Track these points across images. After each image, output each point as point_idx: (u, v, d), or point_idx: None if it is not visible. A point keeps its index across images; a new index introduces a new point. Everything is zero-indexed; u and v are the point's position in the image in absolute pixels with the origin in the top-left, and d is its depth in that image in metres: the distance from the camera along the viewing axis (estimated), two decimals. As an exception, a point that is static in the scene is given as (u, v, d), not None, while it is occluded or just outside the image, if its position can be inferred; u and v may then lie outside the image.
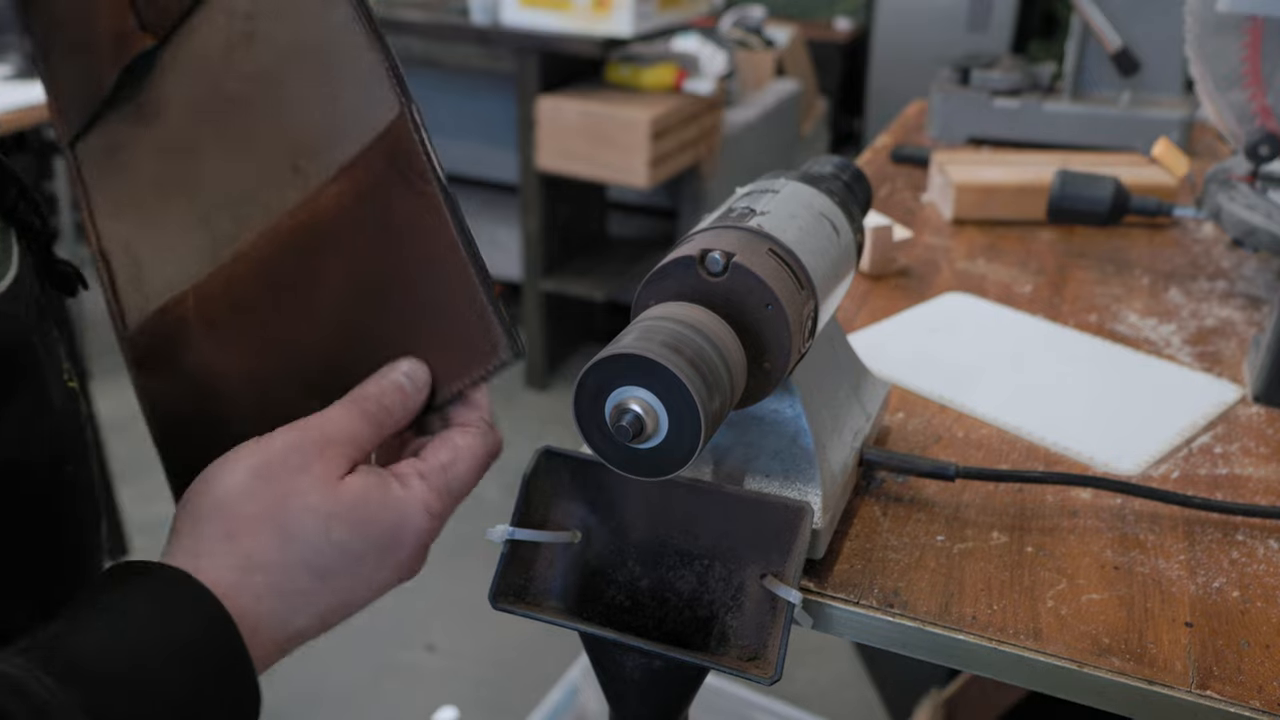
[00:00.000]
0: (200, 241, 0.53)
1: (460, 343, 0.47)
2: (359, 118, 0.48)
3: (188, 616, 0.39)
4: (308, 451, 0.43)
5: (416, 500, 0.44)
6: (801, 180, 0.60)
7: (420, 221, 0.47)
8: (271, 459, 0.42)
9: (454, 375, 0.48)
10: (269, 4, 0.50)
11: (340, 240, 0.49)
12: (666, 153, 2.52)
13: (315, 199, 0.49)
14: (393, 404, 0.46)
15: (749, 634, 0.51)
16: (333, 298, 0.49)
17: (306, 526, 0.42)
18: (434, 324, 0.48)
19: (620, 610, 0.54)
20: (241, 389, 0.52)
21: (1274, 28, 0.95)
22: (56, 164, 2.92)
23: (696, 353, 0.43)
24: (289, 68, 0.50)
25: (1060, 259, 1.04)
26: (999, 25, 4.05)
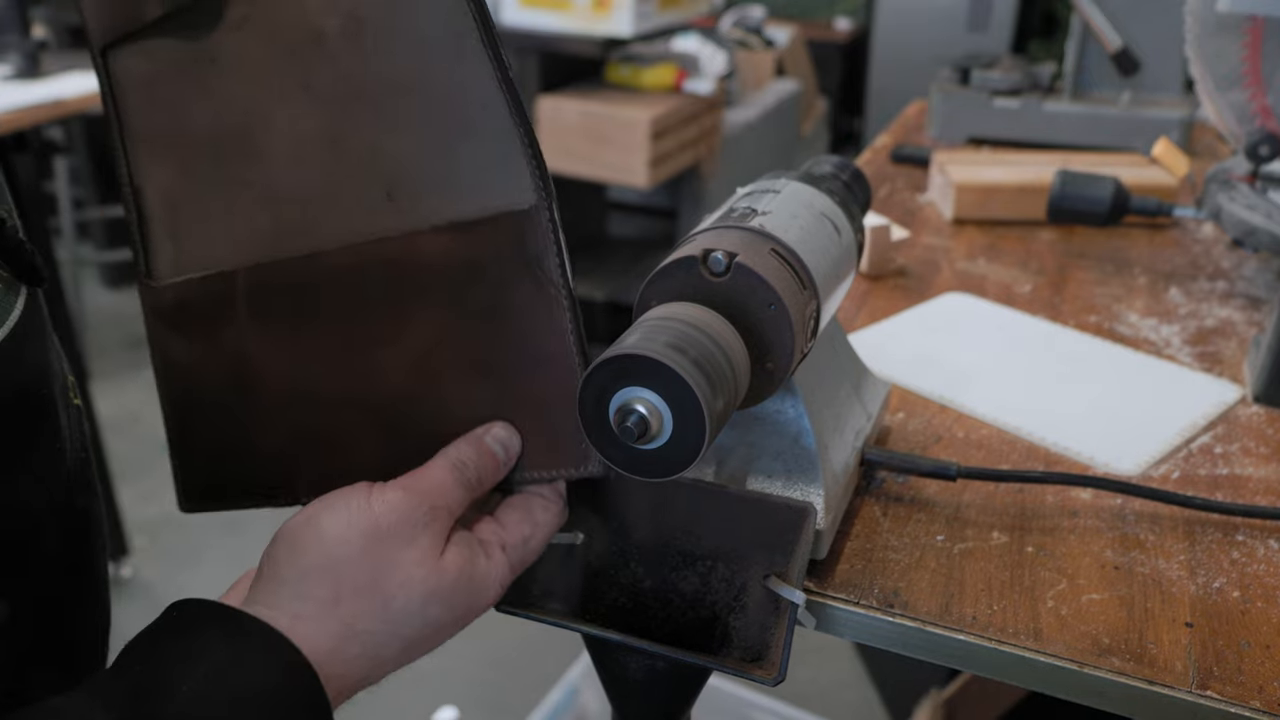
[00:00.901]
0: (261, 224, 0.51)
1: (551, 441, 0.48)
2: (483, 185, 0.47)
3: (283, 685, 0.40)
4: (416, 523, 0.44)
5: (496, 575, 0.46)
6: (802, 180, 0.60)
7: (539, 318, 0.48)
8: (383, 527, 0.44)
9: (539, 464, 0.49)
10: (384, 14, 0.48)
11: (442, 294, 0.49)
12: (666, 153, 2.52)
13: (415, 240, 0.49)
14: (485, 473, 0.48)
15: (752, 635, 0.51)
16: (420, 343, 0.49)
17: (409, 603, 0.43)
18: (529, 413, 0.49)
19: (623, 611, 0.54)
20: (285, 391, 0.52)
21: (1274, 28, 0.95)
22: (56, 164, 2.92)
23: (701, 353, 0.43)
24: (400, 97, 0.48)
25: (1060, 259, 1.04)
26: (999, 25, 4.04)
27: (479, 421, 0.49)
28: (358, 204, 0.49)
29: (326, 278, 0.50)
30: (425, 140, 0.48)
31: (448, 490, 0.46)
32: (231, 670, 0.39)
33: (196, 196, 0.53)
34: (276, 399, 0.52)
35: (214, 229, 0.53)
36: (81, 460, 0.54)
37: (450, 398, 0.49)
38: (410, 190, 0.49)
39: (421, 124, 0.48)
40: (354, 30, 0.48)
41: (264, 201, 0.51)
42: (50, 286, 1.99)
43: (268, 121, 0.50)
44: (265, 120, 0.50)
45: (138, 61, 0.53)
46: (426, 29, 0.47)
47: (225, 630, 0.40)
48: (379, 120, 0.48)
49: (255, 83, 0.50)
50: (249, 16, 0.50)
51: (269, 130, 0.50)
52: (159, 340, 0.55)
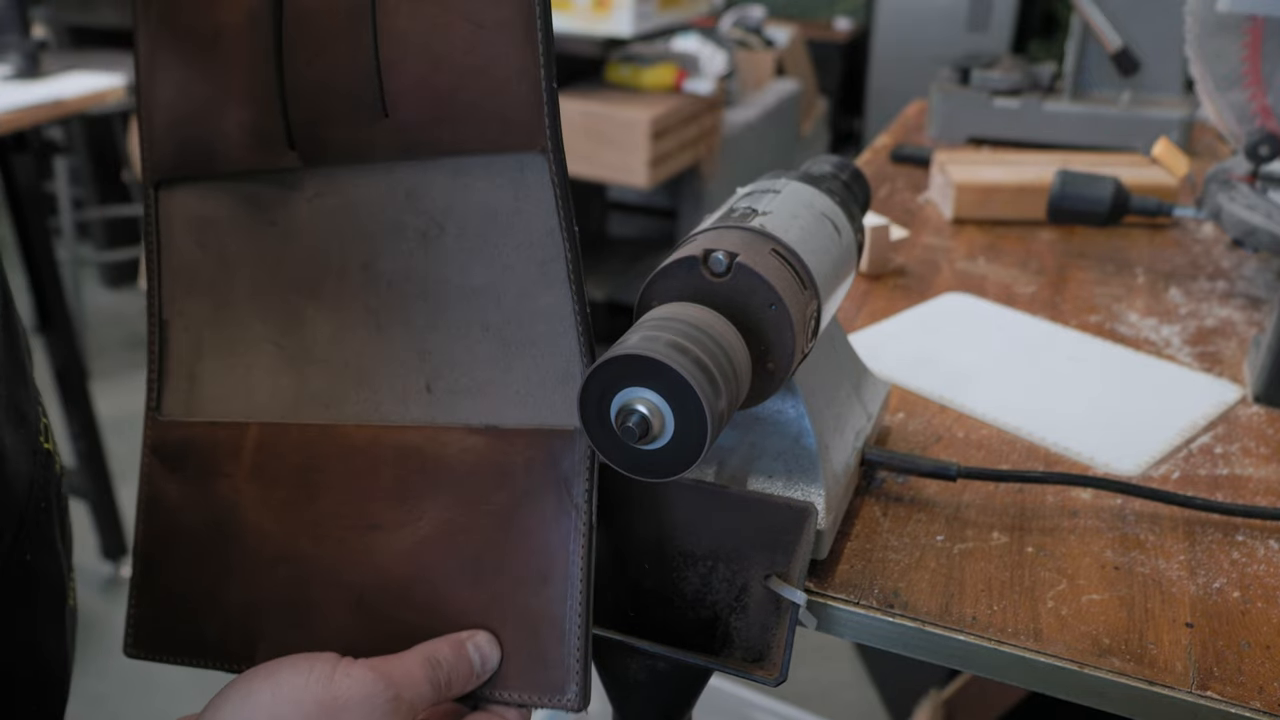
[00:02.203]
0: (285, 385, 0.51)
1: (531, 664, 0.47)
2: (531, 398, 0.47)
3: None
4: (376, 707, 0.42)
5: None
6: (802, 180, 0.60)
7: (554, 538, 0.47)
8: (341, 700, 0.42)
9: (512, 684, 0.48)
10: (472, 229, 0.47)
11: (457, 490, 0.48)
12: (666, 153, 2.52)
13: (444, 433, 0.48)
14: (457, 678, 0.46)
15: (753, 635, 0.51)
16: (420, 534, 0.48)
17: None
18: (517, 629, 0.47)
19: (624, 611, 0.54)
20: (269, 553, 0.51)
21: (1274, 28, 0.95)
22: (56, 164, 2.92)
23: (702, 353, 0.43)
24: (468, 301, 0.47)
25: (1060, 259, 1.04)
26: (999, 25, 4.04)
27: (462, 625, 0.48)
28: (393, 389, 0.49)
29: (341, 451, 0.49)
30: (483, 347, 0.48)
31: (417, 684, 0.44)
32: None
33: (225, 344, 0.52)
34: (259, 558, 0.51)
35: (235, 380, 0.52)
36: (40, 510, 0.51)
37: (439, 595, 0.48)
38: (452, 388, 0.48)
39: (483, 331, 0.48)
40: (436, 234, 0.48)
41: (293, 365, 0.51)
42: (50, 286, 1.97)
43: (316, 292, 0.50)
44: (314, 290, 0.50)
45: (193, 203, 0.52)
46: (513, 253, 0.47)
47: None
48: (436, 317, 0.48)
49: (313, 254, 0.50)
50: (324, 194, 0.49)
51: (316, 300, 0.50)
52: (152, 475, 0.53)
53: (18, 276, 1.94)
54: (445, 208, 0.47)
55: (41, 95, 1.81)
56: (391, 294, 0.49)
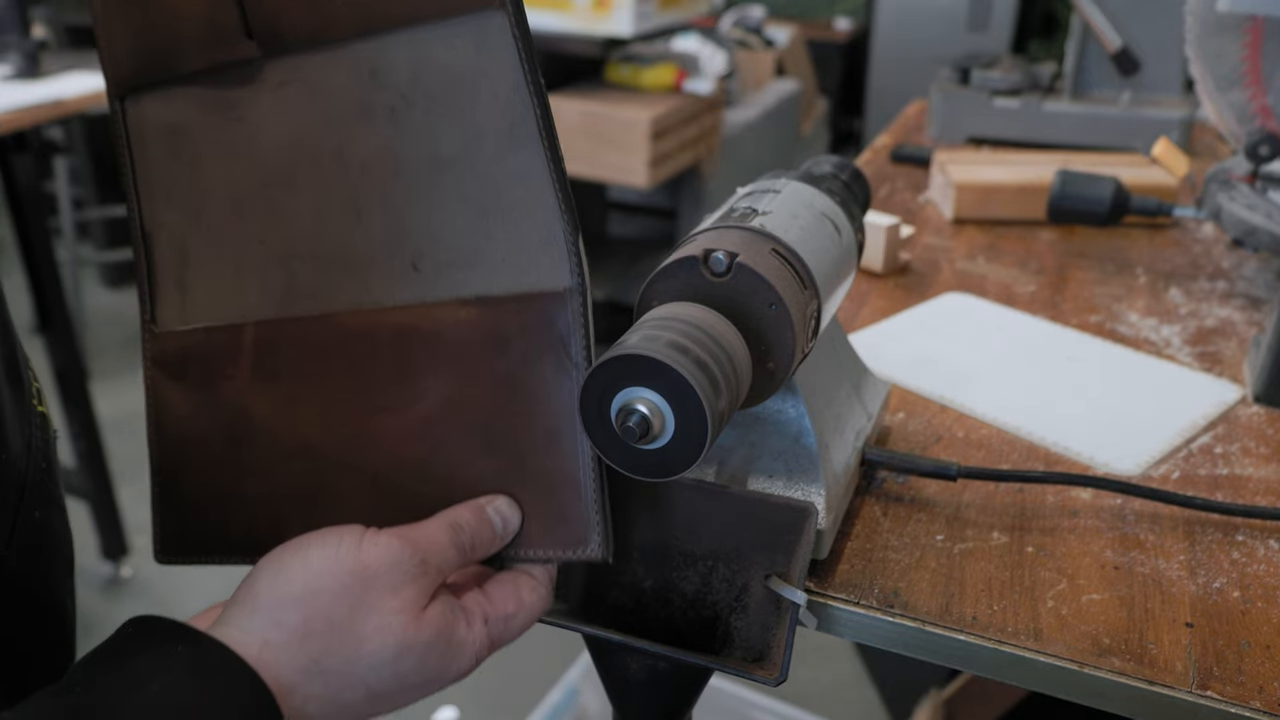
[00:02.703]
0: (274, 281, 0.51)
1: (551, 521, 0.48)
2: (516, 263, 0.47)
3: (240, 711, 0.39)
4: (406, 571, 0.43)
5: (474, 646, 0.45)
6: (802, 180, 0.60)
7: (558, 398, 0.47)
8: (370, 567, 0.43)
9: (535, 543, 0.48)
10: (439, 98, 0.47)
11: (457, 364, 0.48)
12: (666, 153, 2.52)
13: (436, 309, 0.48)
14: (481, 541, 0.47)
15: (753, 635, 0.51)
16: (426, 411, 0.49)
17: (382, 650, 0.42)
18: (535, 490, 0.48)
19: (624, 611, 0.54)
20: (282, 448, 0.51)
21: (1274, 28, 0.95)
22: (56, 164, 2.92)
23: (703, 353, 0.43)
24: (443, 173, 0.47)
25: (1060, 259, 1.04)
26: (999, 25, 4.04)
27: (480, 493, 0.48)
28: (380, 271, 0.49)
29: (337, 339, 0.50)
30: (463, 217, 0.47)
31: (441, 548, 0.45)
32: (183, 695, 0.37)
33: (209, 249, 0.52)
34: (272, 455, 0.51)
35: (224, 282, 0.52)
36: (40, 470, 0.51)
37: (453, 467, 0.49)
38: (438, 262, 0.48)
39: (460, 201, 0.47)
40: (403, 109, 0.47)
41: (279, 260, 0.51)
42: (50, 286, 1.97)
43: (291, 183, 0.50)
44: (289, 182, 0.50)
45: (160, 110, 0.52)
46: (482, 115, 0.46)
47: (182, 652, 0.39)
48: (414, 194, 0.48)
49: (284, 145, 0.50)
50: (288, 82, 0.49)
51: (292, 192, 0.50)
52: (156, 387, 0.54)
53: (18, 276, 1.94)
54: (410, 80, 0.47)
55: (41, 95, 1.81)
56: (367, 177, 0.49)
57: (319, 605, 0.41)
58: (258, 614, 0.41)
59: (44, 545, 0.51)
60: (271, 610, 0.41)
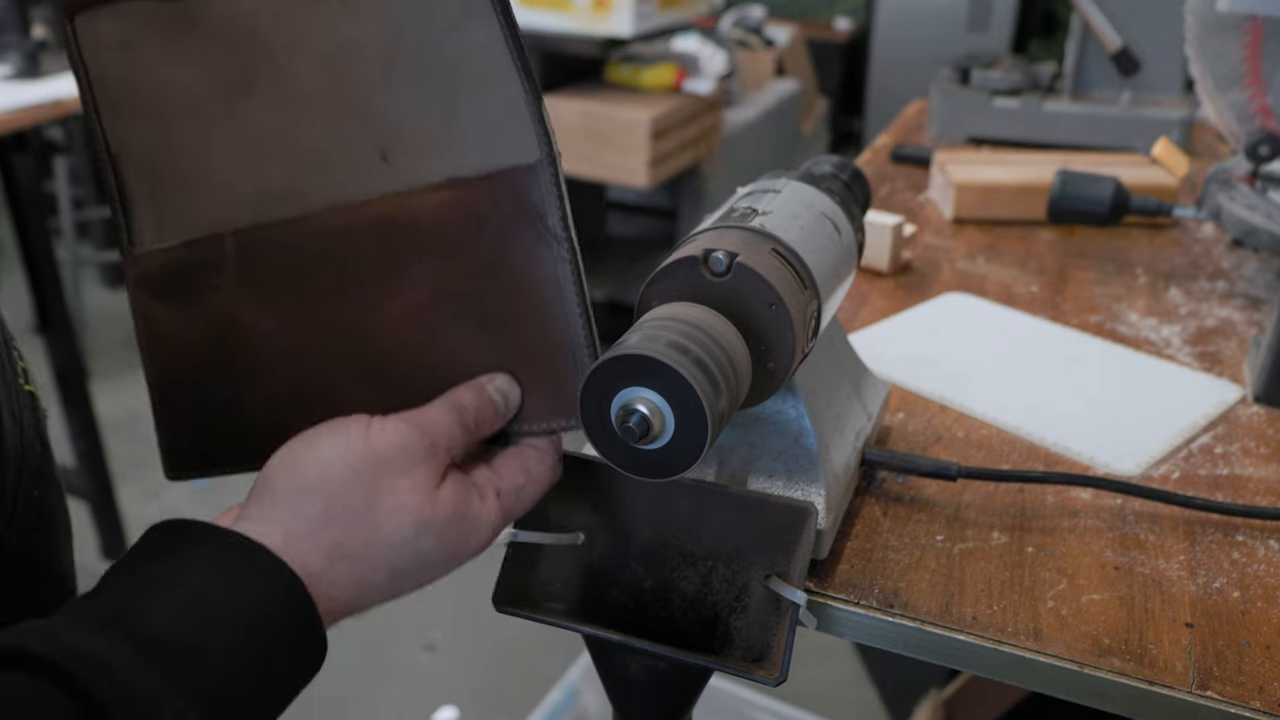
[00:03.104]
0: (246, 188, 0.51)
1: (549, 393, 0.48)
2: (484, 141, 0.47)
3: (272, 602, 0.40)
4: (415, 454, 0.44)
5: (489, 518, 0.46)
6: (802, 180, 0.60)
7: (541, 269, 0.47)
8: (380, 452, 0.44)
9: (537, 416, 0.49)
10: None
11: (439, 249, 0.48)
12: (666, 153, 2.52)
13: (411, 198, 0.48)
14: (484, 419, 0.47)
15: (753, 635, 0.51)
16: (415, 299, 0.49)
17: (400, 530, 0.43)
18: (530, 363, 0.49)
19: (624, 611, 0.54)
20: (276, 353, 0.51)
21: (1274, 28, 0.95)
22: (56, 164, 2.92)
23: (703, 353, 0.43)
24: (400, 56, 0.47)
25: (1060, 259, 1.04)
26: (999, 25, 4.04)
27: (478, 373, 0.49)
28: (349, 165, 0.49)
29: (317, 239, 0.50)
30: (424, 100, 0.47)
31: (447, 428, 0.46)
32: (215, 589, 0.38)
33: (177, 162, 0.52)
34: (267, 361, 0.52)
35: (197, 194, 0.52)
36: (35, 450, 0.52)
37: (447, 351, 0.49)
38: (407, 150, 0.48)
39: (421, 83, 0.47)
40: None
41: (249, 165, 0.50)
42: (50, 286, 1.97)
43: (250, 85, 0.50)
44: (248, 84, 0.50)
45: (110, 27, 0.51)
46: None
47: (209, 549, 0.40)
48: (372, 82, 0.48)
49: (238, 46, 0.49)
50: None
51: (252, 94, 0.50)
52: (143, 309, 0.54)
53: (18, 276, 1.94)
54: None
55: (41, 95, 1.81)
56: (324, 70, 0.48)
57: (334, 492, 0.43)
58: (277, 507, 0.43)
59: (43, 522, 0.52)
60: (290, 502, 0.43)
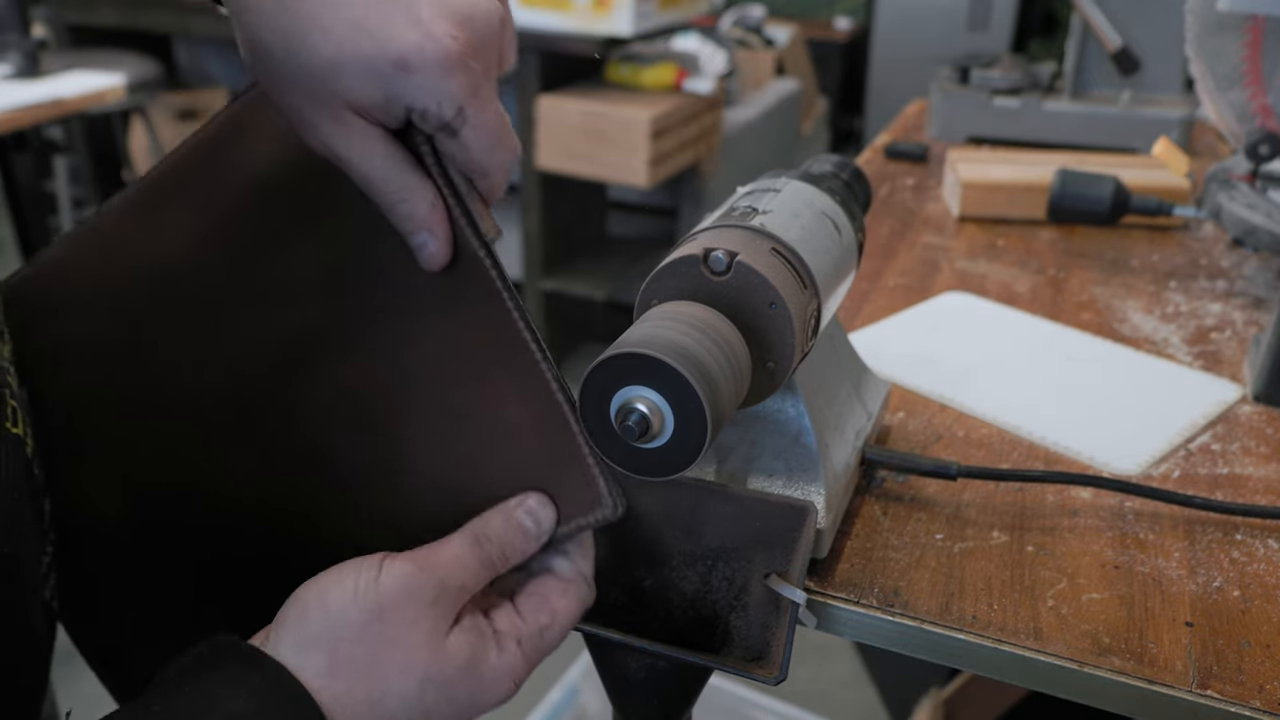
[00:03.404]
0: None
1: (560, 488, 0.45)
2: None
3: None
4: (422, 601, 0.42)
5: (507, 670, 0.43)
6: (802, 179, 0.60)
7: (504, 353, 0.45)
8: (387, 604, 0.42)
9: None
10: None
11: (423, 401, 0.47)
12: (666, 152, 2.52)
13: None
14: (512, 550, 0.45)
15: (753, 634, 0.51)
16: (411, 463, 0.47)
17: (404, 687, 0.41)
18: (529, 466, 0.46)
19: (623, 610, 0.54)
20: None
21: (1274, 27, 0.95)
22: (56, 164, 2.92)
23: (702, 352, 0.43)
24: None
25: (1060, 258, 1.04)
26: (999, 24, 4.04)
27: (497, 497, 0.46)
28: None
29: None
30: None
31: (463, 566, 0.43)
32: (250, 715, 0.38)
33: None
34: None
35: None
36: (14, 500, 0.48)
37: (454, 491, 0.47)
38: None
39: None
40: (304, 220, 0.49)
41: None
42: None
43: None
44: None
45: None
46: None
47: (248, 673, 0.39)
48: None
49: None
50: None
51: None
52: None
53: (18, 276, 1.94)
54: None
55: (41, 94, 1.81)
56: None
57: (340, 650, 0.41)
58: (285, 648, 0.41)
59: (11, 577, 0.48)
60: (293, 643, 0.41)
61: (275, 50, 0.42)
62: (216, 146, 0.51)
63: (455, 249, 0.45)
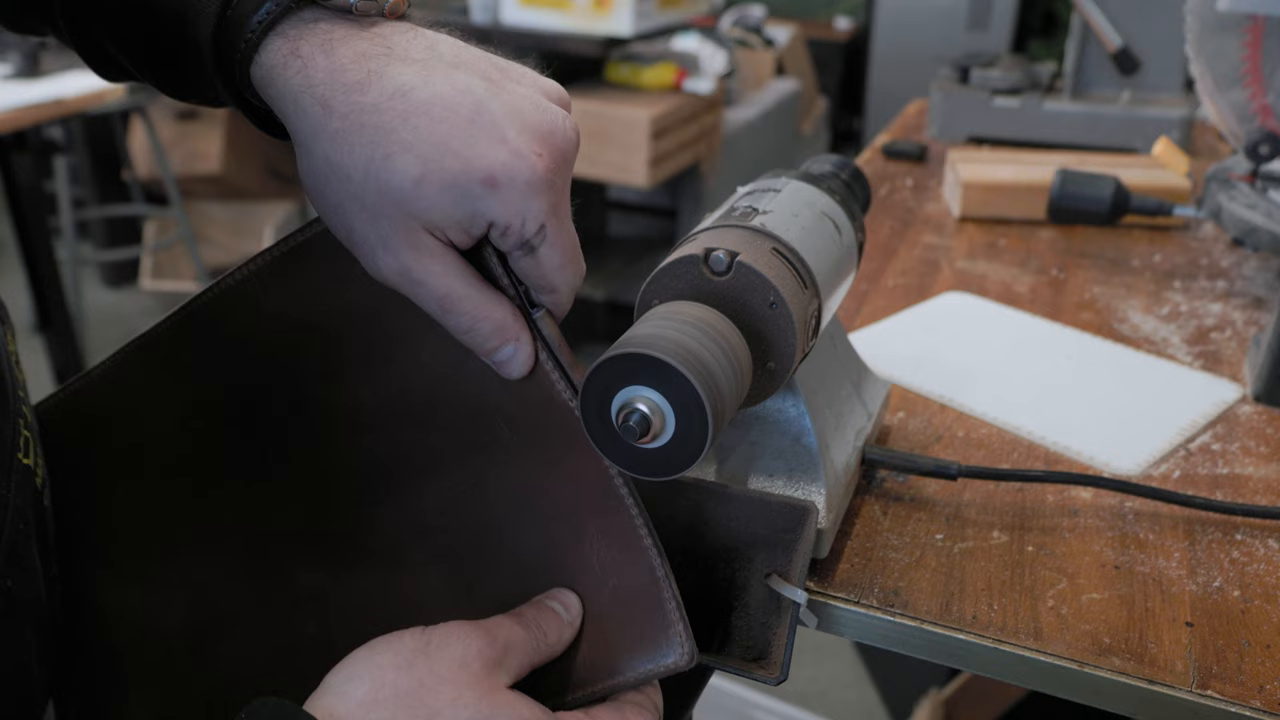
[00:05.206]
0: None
1: (637, 631, 0.46)
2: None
3: None
4: (472, 646, 0.42)
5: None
6: (802, 179, 0.60)
7: (596, 498, 0.46)
8: (433, 640, 0.42)
9: (626, 663, 0.47)
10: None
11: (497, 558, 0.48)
12: (666, 152, 2.52)
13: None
14: (549, 627, 0.45)
15: (754, 634, 0.51)
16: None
17: (456, 714, 0.41)
18: (604, 607, 0.47)
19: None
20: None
21: (1274, 27, 0.95)
22: (56, 164, 2.92)
23: (703, 352, 0.43)
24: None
25: (1060, 258, 1.04)
26: (999, 24, 4.04)
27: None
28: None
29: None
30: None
31: (507, 626, 0.44)
32: None
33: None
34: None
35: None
36: (19, 532, 0.47)
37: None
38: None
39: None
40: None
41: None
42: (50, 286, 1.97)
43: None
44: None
45: None
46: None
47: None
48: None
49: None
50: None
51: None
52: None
53: (18, 276, 1.94)
54: None
55: (41, 94, 1.81)
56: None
57: (382, 676, 0.41)
58: (323, 695, 0.41)
59: (13, 613, 0.48)
60: (333, 689, 0.41)
61: (354, 174, 0.41)
62: (254, 289, 0.50)
63: (549, 397, 0.46)
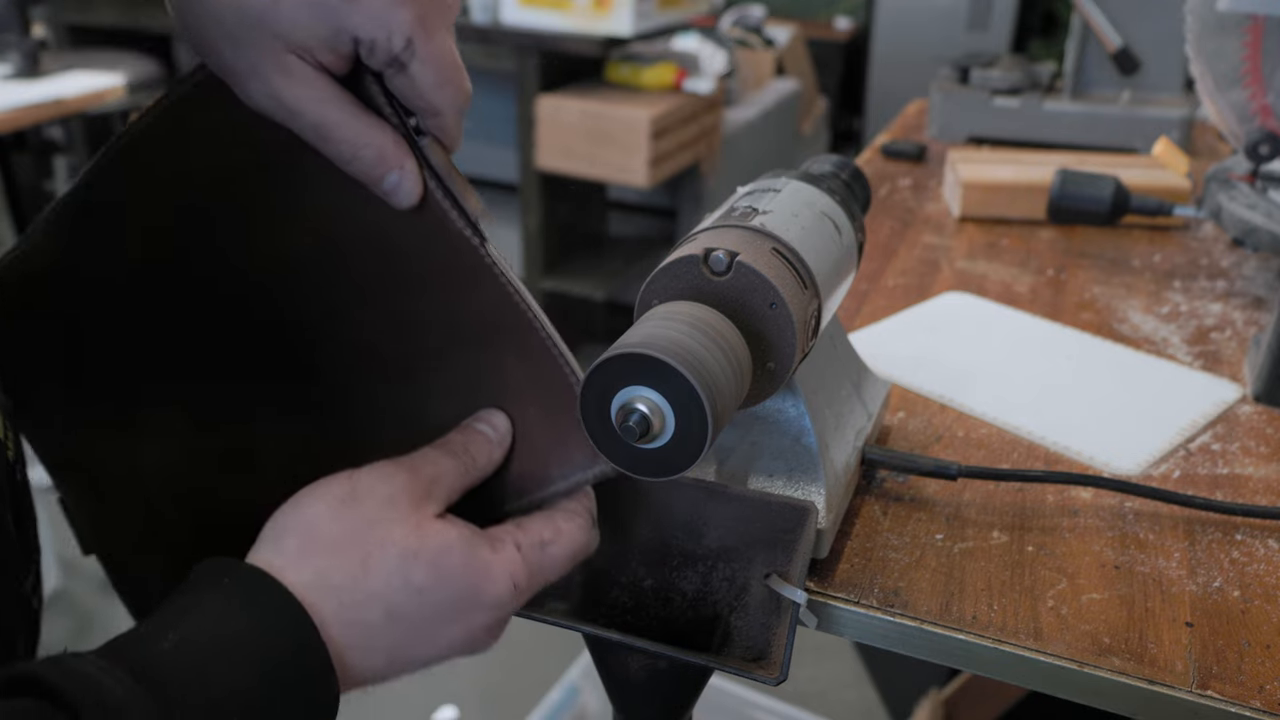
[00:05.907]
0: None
1: (560, 442, 0.46)
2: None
3: (268, 617, 0.38)
4: (397, 482, 0.42)
5: (504, 566, 0.42)
6: (802, 179, 0.60)
7: (504, 321, 0.46)
8: (359, 489, 0.41)
9: (552, 475, 0.47)
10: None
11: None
12: (666, 152, 2.52)
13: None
14: (478, 450, 0.45)
15: (754, 634, 0.51)
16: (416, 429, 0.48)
17: (386, 560, 0.40)
18: (530, 423, 0.47)
19: (624, 611, 0.54)
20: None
21: (1274, 27, 0.95)
22: (56, 163, 2.92)
23: (703, 352, 0.43)
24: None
25: (1060, 258, 1.04)
26: (999, 24, 4.04)
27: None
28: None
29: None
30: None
31: (432, 458, 0.43)
32: (219, 617, 0.37)
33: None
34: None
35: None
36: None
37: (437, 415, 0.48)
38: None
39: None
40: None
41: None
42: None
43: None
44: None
45: None
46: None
47: (225, 580, 0.38)
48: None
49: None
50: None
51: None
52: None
53: (17, 276, 1.94)
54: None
55: (41, 94, 1.81)
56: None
57: (313, 526, 0.40)
58: (259, 550, 0.41)
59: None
60: (270, 542, 0.40)
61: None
62: (159, 143, 0.50)
63: (441, 226, 0.44)
